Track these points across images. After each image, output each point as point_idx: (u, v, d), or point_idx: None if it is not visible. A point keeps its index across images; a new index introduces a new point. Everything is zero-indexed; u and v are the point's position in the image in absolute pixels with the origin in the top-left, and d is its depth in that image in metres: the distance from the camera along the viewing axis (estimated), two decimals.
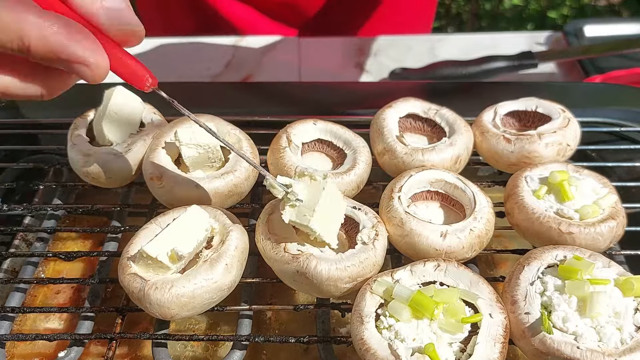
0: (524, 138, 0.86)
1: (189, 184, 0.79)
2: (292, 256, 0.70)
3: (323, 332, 0.75)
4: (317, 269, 0.68)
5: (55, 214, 0.92)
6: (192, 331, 0.86)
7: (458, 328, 0.64)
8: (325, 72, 1.42)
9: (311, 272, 0.68)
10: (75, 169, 0.87)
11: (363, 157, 0.85)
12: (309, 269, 0.68)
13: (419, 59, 1.42)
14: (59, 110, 1.05)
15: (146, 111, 0.91)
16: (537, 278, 0.68)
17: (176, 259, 0.70)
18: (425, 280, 0.69)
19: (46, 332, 0.86)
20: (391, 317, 0.65)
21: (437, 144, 0.86)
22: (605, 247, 0.77)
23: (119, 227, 0.87)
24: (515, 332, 0.66)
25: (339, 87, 1.20)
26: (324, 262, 0.69)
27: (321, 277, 0.69)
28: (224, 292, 0.70)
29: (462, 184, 0.81)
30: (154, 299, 0.67)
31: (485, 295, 0.67)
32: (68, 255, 0.82)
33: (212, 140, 0.82)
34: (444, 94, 1.13)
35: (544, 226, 0.76)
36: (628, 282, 0.65)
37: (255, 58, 1.45)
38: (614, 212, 0.77)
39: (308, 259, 0.69)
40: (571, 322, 0.64)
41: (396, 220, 0.75)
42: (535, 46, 1.46)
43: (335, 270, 0.69)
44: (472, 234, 0.75)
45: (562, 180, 0.78)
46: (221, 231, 0.74)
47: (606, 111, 1.03)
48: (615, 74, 1.24)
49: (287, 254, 0.70)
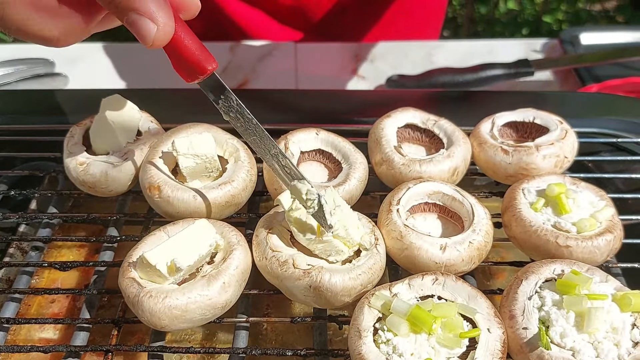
0: (522, 150, 0.86)
1: (186, 195, 0.79)
2: (303, 271, 0.69)
3: (320, 344, 0.75)
4: (332, 281, 0.68)
5: (50, 223, 0.92)
6: (188, 342, 0.86)
7: (456, 343, 0.64)
8: (322, 78, 1.42)
9: (325, 285, 0.68)
10: (71, 177, 0.86)
11: (357, 173, 0.84)
12: (323, 282, 0.68)
13: (415, 66, 1.42)
14: (55, 117, 1.04)
15: (143, 119, 0.91)
16: (535, 292, 0.69)
17: (174, 270, 0.70)
18: (424, 294, 0.69)
19: (41, 342, 0.86)
20: (389, 332, 0.65)
21: (435, 155, 0.86)
22: (602, 260, 0.77)
23: (115, 236, 0.87)
24: (513, 347, 0.66)
25: (337, 95, 1.20)
26: (337, 274, 0.69)
27: (336, 289, 0.68)
28: (218, 311, 0.70)
29: (460, 195, 0.81)
30: (147, 307, 0.67)
31: (484, 310, 0.67)
32: (63, 265, 0.81)
33: (209, 150, 0.82)
34: (442, 103, 1.13)
35: (541, 239, 0.76)
36: (626, 298, 0.66)
37: (251, 63, 1.45)
38: (611, 225, 0.77)
39: (320, 272, 0.68)
40: (569, 337, 0.64)
41: (395, 234, 0.75)
42: (531, 53, 1.46)
43: (349, 280, 0.69)
44: (472, 246, 0.75)
45: (560, 193, 0.79)
46: (225, 248, 0.74)
47: (603, 121, 1.04)
48: (611, 83, 1.24)
49: (297, 270, 0.69)
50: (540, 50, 1.48)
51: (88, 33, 0.65)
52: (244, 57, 1.47)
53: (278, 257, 0.71)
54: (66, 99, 1.10)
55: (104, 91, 0.92)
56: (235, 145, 0.86)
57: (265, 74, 1.42)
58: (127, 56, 1.45)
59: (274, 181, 0.83)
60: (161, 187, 0.79)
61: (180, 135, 0.84)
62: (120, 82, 1.38)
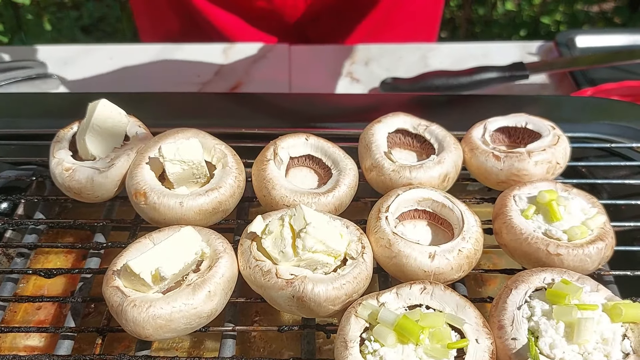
0: (514, 156, 0.85)
1: (173, 201, 0.77)
2: (286, 281, 0.68)
3: (308, 353, 0.74)
4: (315, 291, 0.67)
5: (37, 229, 0.91)
6: (175, 349, 0.85)
7: (444, 354, 0.63)
8: (316, 81, 1.41)
9: (308, 295, 0.67)
10: (57, 183, 0.85)
11: (347, 180, 0.83)
12: (306, 292, 0.67)
13: (410, 68, 1.42)
14: (42, 120, 1.03)
15: (131, 124, 0.90)
16: (524, 302, 0.68)
17: (159, 279, 0.69)
18: (411, 304, 0.68)
19: (26, 349, 0.85)
20: (376, 342, 0.64)
21: (425, 161, 0.85)
22: (593, 268, 0.76)
23: (101, 243, 0.86)
24: (501, 358, 0.65)
25: (329, 99, 1.19)
26: (320, 284, 0.68)
27: (319, 299, 0.67)
28: (203, 320, 0.69)
29: (450, 202, 0.80)
30: (130, 317, 0.66)
31: (472, 320, 0.66)
32: (48, 273, 0.80)
33: (197, 156, 0.81)
34: (435, 107, 1.12)
35: (532, 247, 0.75)
36: (616, 308, 0.65)
37: (245, 66, 1.44)
38: (603, 233, 0.76)
39: (303, 282, 0.68)
40: (558, 348, 0.63)
41: (384, 242, 0.74)
42: (526, 56, 1.46)
43: (332, 290, 0.68)
44: (461, 254, 0.74)
45: (551, 200, 0.78)
46: (211, 256, 0.73)
47: (596, 126, 1.03)
48: (606, 87, 1.23)
49: (280, 280, 0.68)
50: (536, 52, 1.48)
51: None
52: (238, 60, 1.46)
53: (261, 267, 0.70)
54: (54, 102, 1.09)
55: (92, 95, 0.91)
56: (223, 150, 0.85)
57: (259, 76, 1.41)
58: (121, 58, 1.44)
59: (263, 187, 0.82)
60: (147, 193, 0.78)
61: (168, 140, 0.83)
62: (113, 84, 1.37)
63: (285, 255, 0.70)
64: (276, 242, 0.71)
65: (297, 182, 0.86)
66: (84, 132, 0.85)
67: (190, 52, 1.47)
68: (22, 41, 3.22)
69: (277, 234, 0.71)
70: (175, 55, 1.46)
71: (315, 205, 0.79)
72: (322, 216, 0.72)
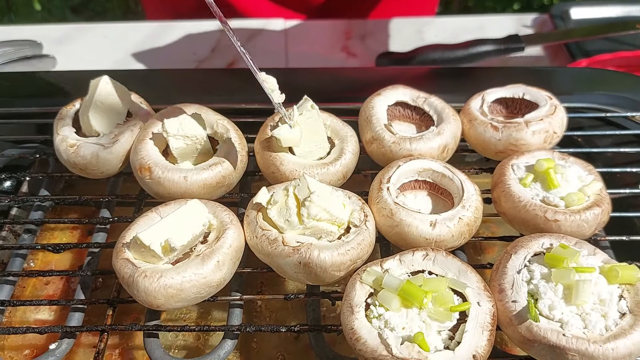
0: (511, 126, 0.86)
1: (177, 176, 0.79)
2: (292, 248, 0.70)
3: (314, 320, 0.76)
4: (321, 257, 0.69)
5: (42, 205, 0.92)
6: (183, 320, 0.87)
7: (447, 316, 0.65)
8: (312, 56, 1.41)
9: (315, 261, 0.69)
10: (62, 159, 0.86)
11: (350, 146, 0.85)
12: (313, 259, 0.69)
13: (406, 42, 1.42)
14: (43, 99, 1.04)
15: (133, 100, 0.90)
16: (524, 266, 0.70)
17: (169, 250, 0.70)
18: (414, 270, 0.70)
19: (37, 323, 0.86)
20: (381, 307, 0.66)
21: (425, 132, 0.87)
22: (590, 233, 0.78)
23: (107, 218, 0.87)
24: (502, 319, 0.67)
25: (327, 73, 1.19)
26: (326, 250, 0.70)
27: (325, 265, 0.69)
28: (212, 289, 0.71)
29: (449, 172, 0.81)
30: (142, 287, 0.67)
31: (473, 284, 0.68)
32: (56, 248, 0.82)
33: (200, 132, 0.82)
34: (432, 80, 1.13)
35: (530, 214, 0.77)
36: (613, 270, 0.67)
37: (241, 42, 1.43)
38: (599, 199, 0.78)
39: (310, 249, 0.69)
40: (557, 309, 0.65)
41: (386, 212, 0.75)
42: (522, 29, 1.46)
43: (338, 255, 0.70)
44: (461, 222, 0.76)
45: (548, 168, 0.79)
46: (218, 227, 0.74)
47: (592, 96, 1.04)
48: (601, 58, 1.25)
49: (287, 247, 0.70)
50: (530, 25, 1.48)
51: None
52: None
53: (268, 236, 0.71)
54: (54, 80, 1.09)
55: (93, 72, 0.91)
56: (225, 125, 0.86)
57: (255, 52, 1.41)
58: (116, 36, 1.44)
59: (270, 164, 0.82)
60: (152, 168, 0.79)
61: (171, 116, 0.84)
62: (109, 62, 1.37)
63: (291, 224, 0.71)
64: (281, 212, 0.72)
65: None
66: (87, 109, 0.86)
67: (185, 29, 1.47)
68: (12, 22, 3.19)
69: (282, 204, 0.72)
70: (171, 33, 1.46)
71: (324, 176, 0.80)
72: (326, 187, 0.74)
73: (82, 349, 0.83)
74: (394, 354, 0.62)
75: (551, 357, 0.64)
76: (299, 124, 0.81)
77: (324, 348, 0.73)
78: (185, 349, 0.84)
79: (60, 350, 0.73)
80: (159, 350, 0.72)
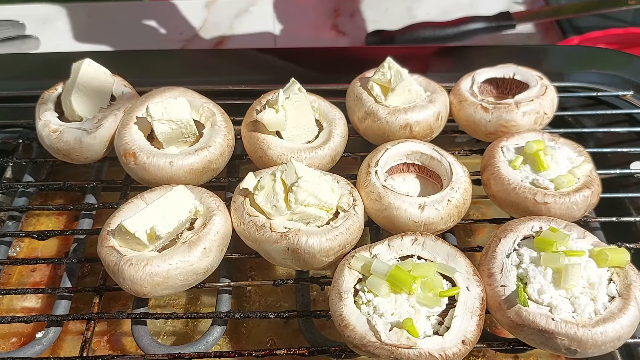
0: (502, 107, 0.85)
1: (162, 161, 0.77)
2: (280, 234, 0.69)
3: (303, 305, 0.75)
4: (309, 242, 0.68)
5: (26, 191, 0.90)
6: (171, 306, 0.86)
7: (436, 302, 0.65)
8: (301, 34, 1.39)
9: (303, 247, 0.68)
10: (45, 145, 0.85)
11: (338, 129, 0.84)
12: (300, 244, 0.68)
13: (396, 20, 1.40)
14: (24, 82, 1.01)
15: (116, 84, 0.88)
16: (513, 250, 0.69)
17: (154, 237, 0.69)
18: (403, 254, 0.70)
19: (23, 310, 0.86)
20: (369, 293, 0.65)
21: (418, 102, 0.86)
22: (580, 215, 0.77)
23: (93, 204, 0.86)
24: (491, 304, 0.67)
25: (315, 52, 1.17)
26: (314, 236, 0.69)
27: (313, 251, 0.69)
28: (199, 276, 0.70)
29: (438, 154, 0.80)
30: (128, 275, 0.67)
31: (462, 269, 0.68)
32: (41, 235, 0.81)
33: (185, 115, 0.80)
34: (422, 59, 1.11)
35: (519, 197, 0.76)
36: (602, 253, 0.66)
37: (228, 21, 1.41)
38: (589, 180, 0.78)
39: (297, 234, 0.69)
40: (546, 293, 0.65)
41: (374, 195, 0.75)
42: (513, 5, 1.44)
43: (326, 241, 0.69)
44: (450, 204, 0.75)
45: (538, 150, 0.78)
46: (205, 214, 0.73)
47: (583, 75, 1.03)
48: (592, 35, 1.23)
49: (274, 233, 0.69)
50: (522, 1, 1.46)
51: None
52: (220, 15, 1.43)
53: (255, 222, 0.71)
54: (36, 63, 1.07)
55: (75, 54, 0.89)
56: (211, 109, 0.84)
57: (243, 31, 1.39)
58: (100, 16, 1.41)
59: (257, 149, 0.81)
60: (137, 153, 0.78)
61: (155, 100, 0.82)
62: (94, 43, 1.34)
63: (279, 210, 0.71)
64: (269, 197, 0.71)
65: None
66: (69, 92, 0.84)
67: (171, 8, 1.44)
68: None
69: (270, 189, 0.71)
70: (156, 12, 1.43)
71: (313, 159, 0.79)
72: (313, 171, 0.73)
73: (70, 337, 0.83)
74: (383, 340, 0.61)
75: (540, 341, 0.64)
76: (285, 108, 0.80)
77: (314, 333, 0.72)
78: (175, 334, 0.84)
79: (47, 339, 0.73)
80: (147, 337, 0.72)
